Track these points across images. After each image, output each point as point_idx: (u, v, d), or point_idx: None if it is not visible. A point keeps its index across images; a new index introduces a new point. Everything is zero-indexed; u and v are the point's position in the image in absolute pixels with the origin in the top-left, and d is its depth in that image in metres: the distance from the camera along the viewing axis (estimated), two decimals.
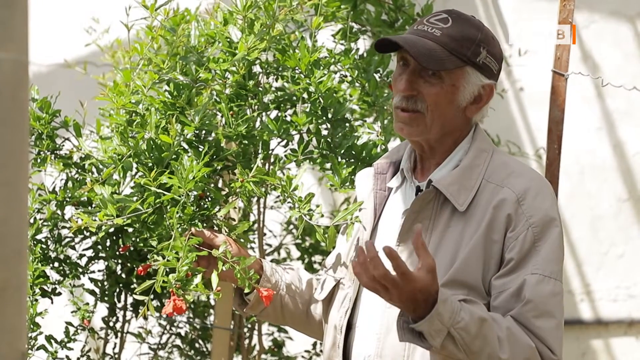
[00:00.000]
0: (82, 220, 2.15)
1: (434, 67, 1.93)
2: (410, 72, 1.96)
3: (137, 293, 2.11)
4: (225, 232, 2.21)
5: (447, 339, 1.79)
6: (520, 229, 1.91)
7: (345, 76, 2.45)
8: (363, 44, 2.67)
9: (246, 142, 2.26)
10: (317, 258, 2.90)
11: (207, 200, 2.22)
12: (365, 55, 2.51)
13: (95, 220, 2.15)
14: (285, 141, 2.33)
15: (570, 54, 2.36)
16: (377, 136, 2.39)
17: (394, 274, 1.76)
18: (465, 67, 1.95)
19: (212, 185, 2.31)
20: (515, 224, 1.91)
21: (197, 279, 2.07)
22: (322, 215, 2.18)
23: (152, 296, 2.09)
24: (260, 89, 2.33)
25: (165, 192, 2.13)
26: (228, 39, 2.28)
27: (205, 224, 2.18)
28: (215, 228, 2.22)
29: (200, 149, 2.19)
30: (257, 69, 2.37)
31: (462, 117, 1.99)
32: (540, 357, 1.86)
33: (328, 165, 2.27)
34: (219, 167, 2.28)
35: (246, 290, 2.11)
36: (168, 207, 2.15)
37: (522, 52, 3.71)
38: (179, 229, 2.11)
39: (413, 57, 1.92)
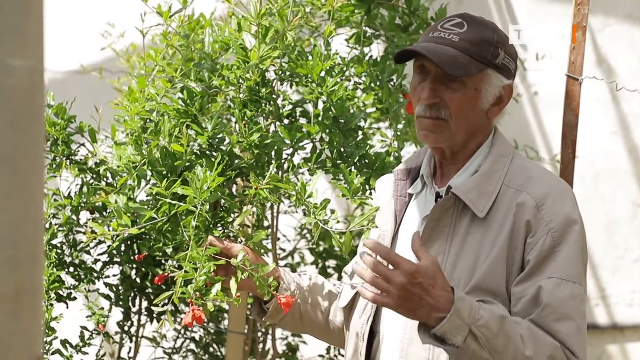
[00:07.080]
0: (98, 230, 2.15)
1: (458, 73, 1.91)
2: (432, 79, 1.94)
3: (157, 305, 2.11)
4: (242, 240, 2.21)
5: (469, 337, 1.76)
6: (539, 234, 1.88)
7: (360, 83, 2.44)
8: (377, 49, 2.66)
9: (258, 151, 2.25)
10: (331, 263, 2.90)
11: (221, 209, 2.22)
12: (379, 60, 2.51)
13: (109, 230, 2.16)
14: (297, 150, 2.31)
15: (584, 57, 2.35)
16: (390, 144, 2.38)
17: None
18: (487, 70, 1.94)
19: (226, 192, 2.30)
20: (535, 230, 1.89)
21: (216, 288, 2.07)
22: (338, 221, 2.17)
23: (170, 307, 2.09)
24: (274, 96, 2.33)
25: (179, 203, 2.13)
26: (242, 46, 2.27)
27: (222, 231, 2.18)
28: (232, 236, 2.22)
29: (214, 158, 2.18)
30: (271, 75, 2.36)
31: (484, 120, 1.98)
32: (564, 356, 1.83)
33: (340, 175, 2.25)
34: (233, 175, 2.28)
35: (265, 298, 2.09)
36: (183, 216, 2.14)
37: (539, 56, 3.70)
38: (195, 239, 2.10)
39: (439, 65, 1.90)
